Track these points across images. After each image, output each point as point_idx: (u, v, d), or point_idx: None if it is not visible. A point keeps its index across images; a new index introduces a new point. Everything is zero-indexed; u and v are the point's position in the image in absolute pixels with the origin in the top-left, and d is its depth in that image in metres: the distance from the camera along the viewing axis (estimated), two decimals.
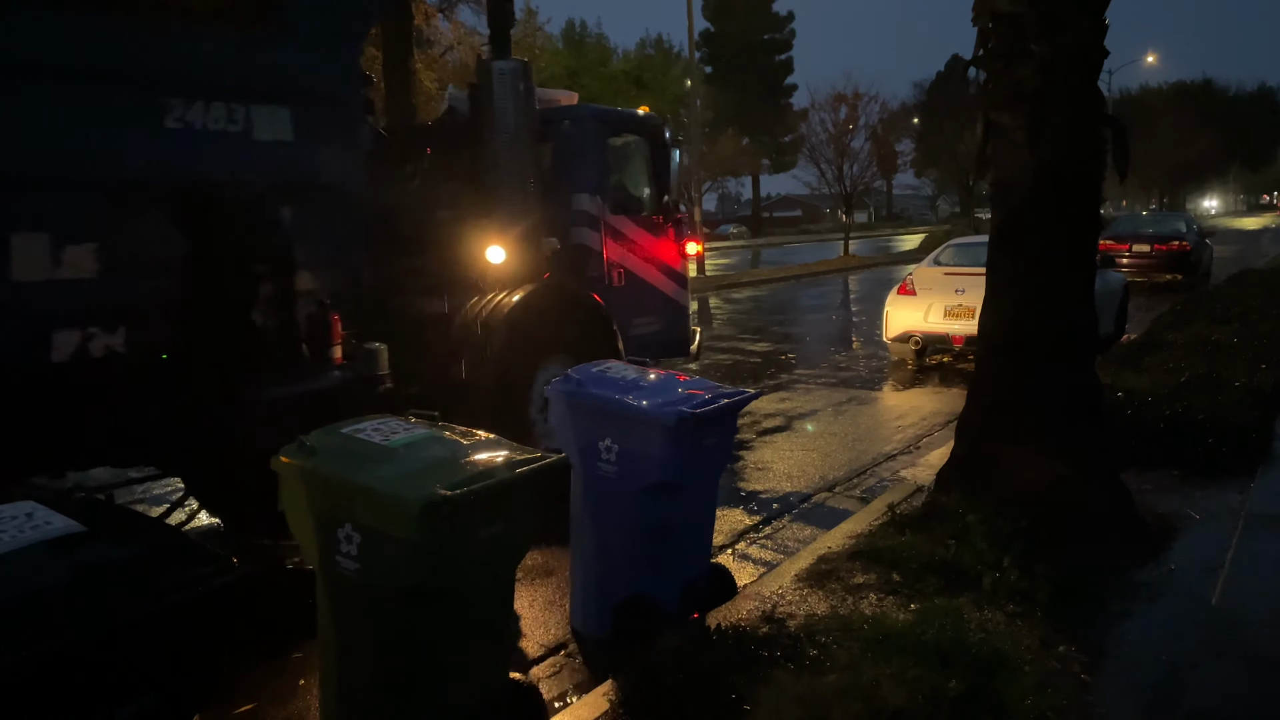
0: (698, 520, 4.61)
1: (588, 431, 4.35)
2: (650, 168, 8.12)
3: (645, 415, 4.15)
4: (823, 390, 10.46)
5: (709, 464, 4.49)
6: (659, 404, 4.18)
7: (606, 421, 4.30)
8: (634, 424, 4.20)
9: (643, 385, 4.38)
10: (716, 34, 61.24)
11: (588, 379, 4.45)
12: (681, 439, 4.12)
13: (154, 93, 4.88)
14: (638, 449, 4.21)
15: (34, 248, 4.45)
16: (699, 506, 4.58)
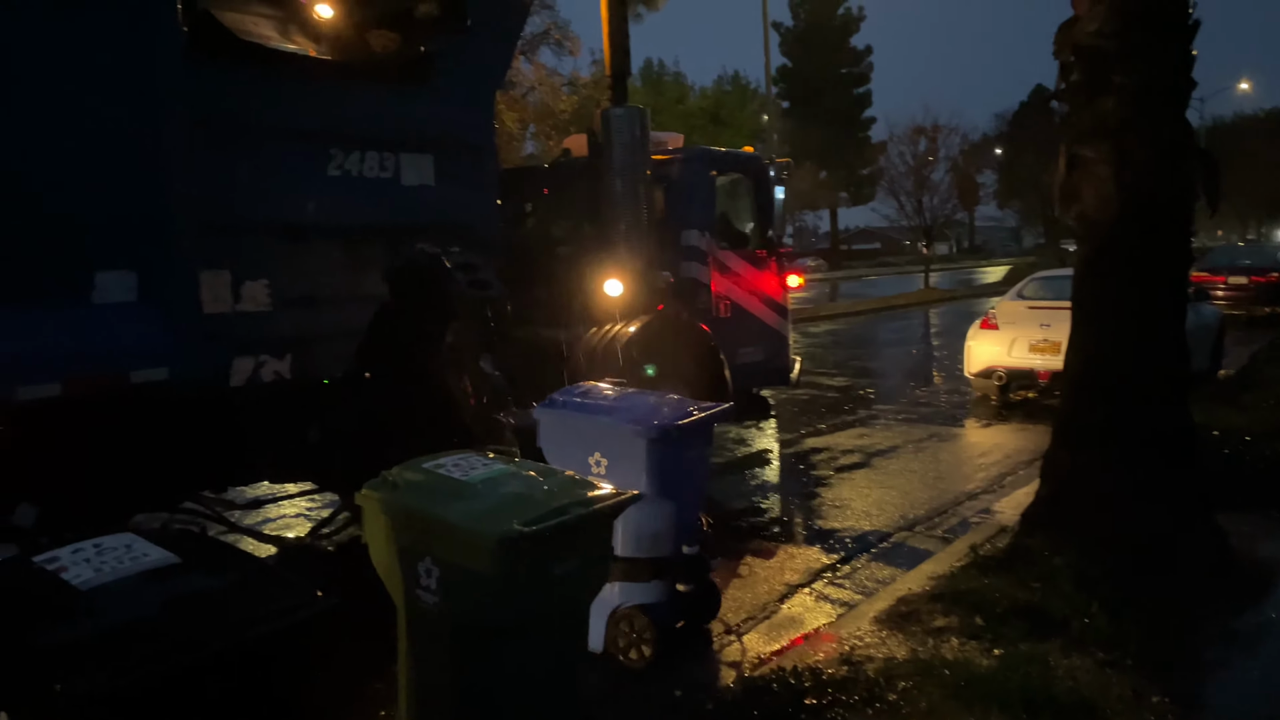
0: (688, 524, 4.64)
1: (576, 449, 4.48)
2: (754, 204, 8.56)
3: (628, 429, 4.35)
4: (902, 426, 10.29)
5: (692, 473, 4.61)
6: (641, 418, 4.40)
7: (594, 437, 4.47)
8: (620, 438, 4.38)
9: (624, 403, 4.63)
10: (794, 69, 61.25)
11: (571, 401, 4.69)
12: (663, 449, 4.31)
13: (321, 145, 5.45)
14: (625, 462, 4.36)
15: (218, 284, 4.96)
16: (686, 514, 4.62)
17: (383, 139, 5.82)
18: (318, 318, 5.45)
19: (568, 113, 23.59)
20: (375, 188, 5.77)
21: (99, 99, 4.38)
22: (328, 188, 5.54)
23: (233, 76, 5.15)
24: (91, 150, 4.36)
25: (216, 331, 4.96)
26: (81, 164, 4.33)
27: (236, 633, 2.38)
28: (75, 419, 4.31)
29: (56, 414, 4.19)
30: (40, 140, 4.19)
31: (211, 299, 4.98)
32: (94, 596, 2.30)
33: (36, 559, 2.44)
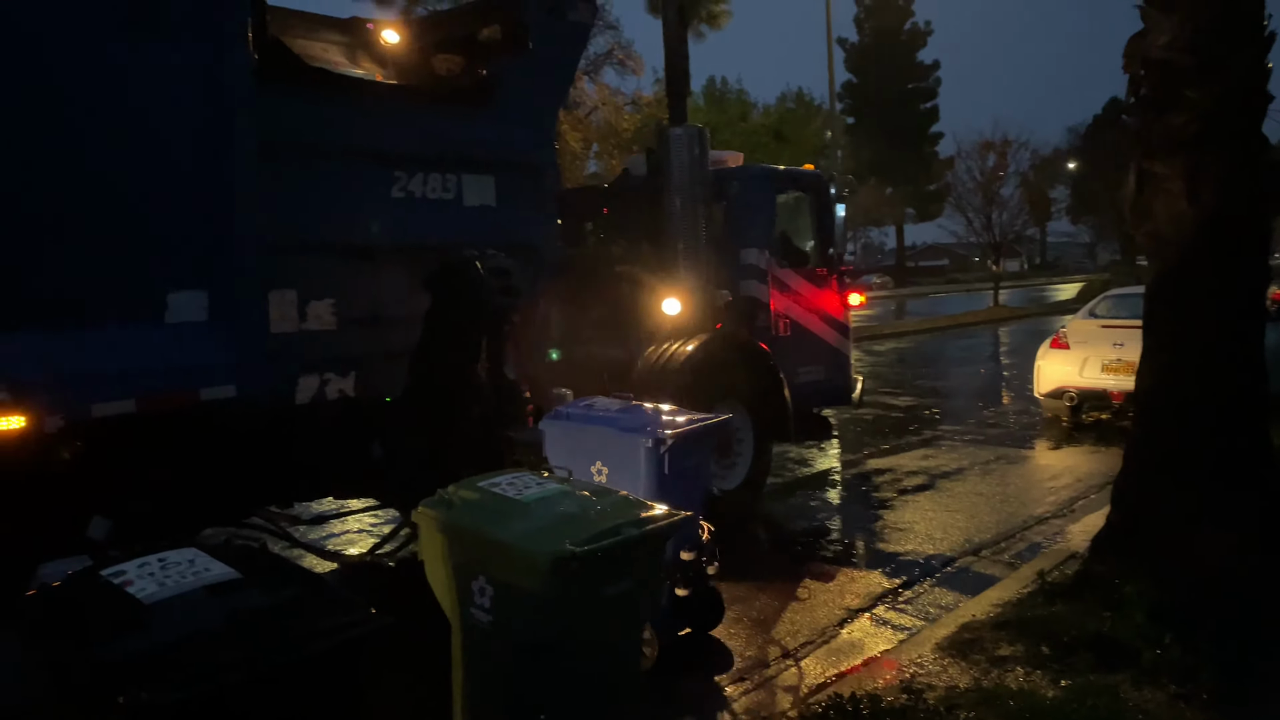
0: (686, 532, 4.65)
1: (580, 458, 4.65)
2: (815, 222, 8.52)
3: (629, 439, 4.56)
4: (969, 448, 10.09)
5: (690, 482, 4.69)
6: (640, 427, 4.60)
7: (597, 447, 4.68)
8: (619, 446, 4.58)
9: (625, 414, 4.85)
10: (859, 85, 60.86)
11: (575, 413, 4.96)
12: (660, 457, 4.47)
13: (385, 167, 5.58)
14: (624, 470, 4.51)
15: (285, 304, 5.12)
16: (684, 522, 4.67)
17: (445, 160, 5.93)
18: (381, 336, 5.56)
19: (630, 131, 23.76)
20: (438, 208, 5.88)
21: (173, 124, 4.53)
22: (392, 208, 5.66)
23: (301, 101, 5.28)
24: (165, 174, 4.51)
25: (283, 350, 5.08)
26: (156, 187, 4.48)
27: (293, 648, 2.43)
28: (147, 435, 4.44)
29: (129, 430, 4.32)
30: (118, 165, 4.34)
31: (279, 318, 5.11)
32: (157, 610, 2.37)
33: (103, 572, 2.52)
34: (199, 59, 4.57)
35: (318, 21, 7.14)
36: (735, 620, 5.29)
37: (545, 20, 6.65)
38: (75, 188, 4.20)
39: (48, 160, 4.11)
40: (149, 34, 4.38)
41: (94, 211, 4.26)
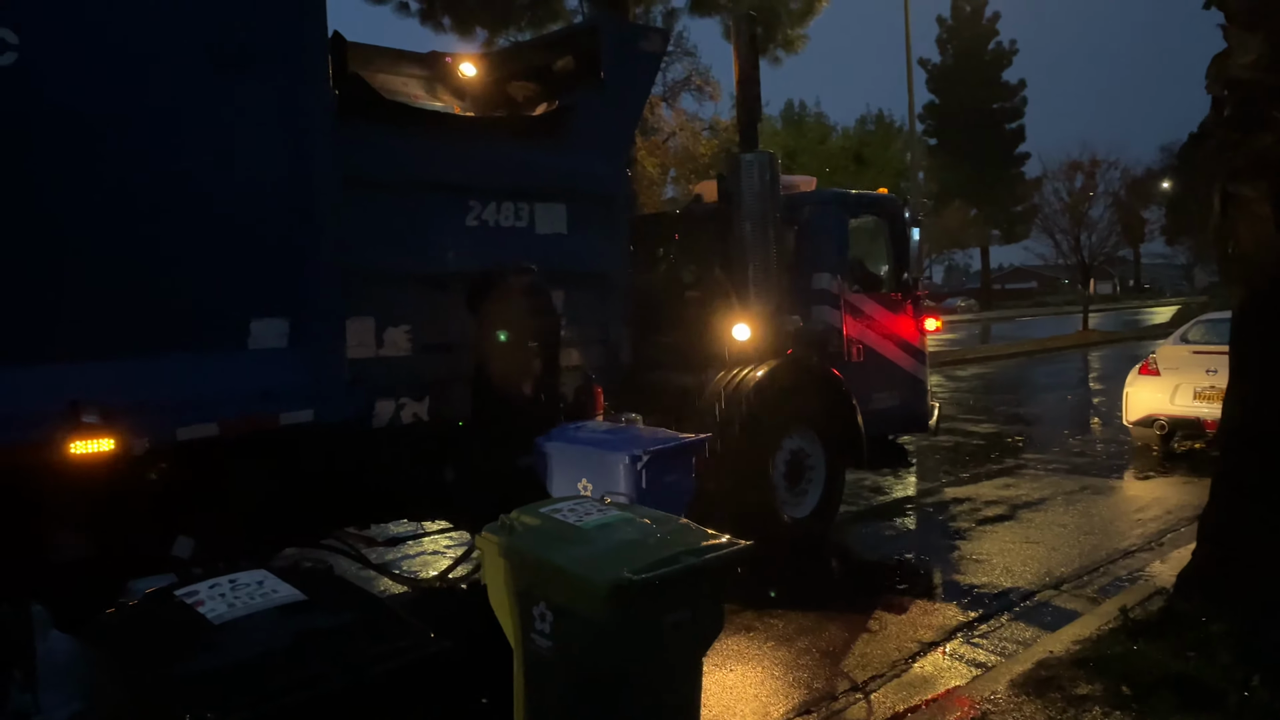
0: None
1: (569, 475, 5.07)
2: (889, 246, 8.45)
3: (610, 457, 4.89)
4: (1053, 477, 9.80)
5: (671, 497, 4.86)
6: (622, 447, 4.90)
7: (583, 466, 5.02)
8: (602, 465, 4.91)
9: (611, 435, 5.26)
10: (941, 106, 59.98)
11: (566, 433, 5.34)
12: (638, 473, 4.77)
13: (460, 196, 5.77)
14: (607, 486, 4.75)
15: (363, 330, 5.33)
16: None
17: (518, 189, 6.05)
18: (455, 361, 5.68)
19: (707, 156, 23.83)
20: (511, 236, 6.00)
21: (257, 158, 4.73)
22: (466, 237, 5.80)
23: (380, 134, 5.46)
24: (250, 205, 4.71)
25: (360, 375, 5.24)
26: (241, 218, 4.68)
27: (355, 670, 2.49)
28: (228, 458, 4.61)
29: (212, 453, 4.49)
30: (205, 197, 4.54)
31: (356, 344, 5.27)
32: (225, 631, 2.46)
33: (177, 592, 2.63)
34: (282, 95, 4.77)
35: (399, 56, 7.37)
36: (804, 651, 5.22)
37: (617, 51, 6.76)
38: (164, 218, 4.41)
39: (141, 192, 4.33)
40: (234, 71, 4.59)
41: (181, 241, 4.46)
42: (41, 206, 4.03)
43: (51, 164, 4.05)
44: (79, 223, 4.12)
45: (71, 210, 4.11)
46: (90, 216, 4.15)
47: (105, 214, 4.20)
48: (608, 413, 6.35)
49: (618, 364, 6.76)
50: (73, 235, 4.11)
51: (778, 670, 5.01)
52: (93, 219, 4.16)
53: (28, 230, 3.99)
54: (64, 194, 4.09)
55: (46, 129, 4.02)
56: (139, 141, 4.30)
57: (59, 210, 4.08)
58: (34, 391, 3.89)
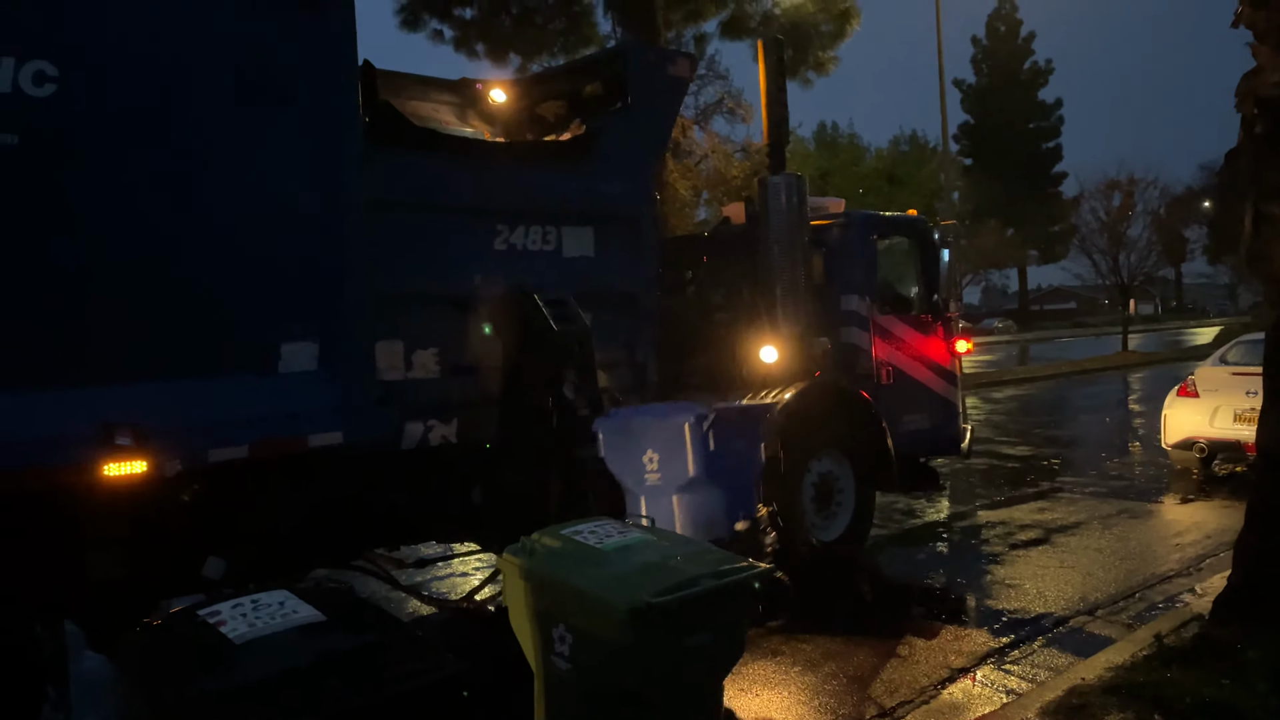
0: (742, 506, 5.01)
1: (632, 449, 5.05)
2: (919, 268, 8.39)
3: (674, 421, 4.94)
4: (1089, 500, 9.64)
5: (740, 463, 4.94)
6: (685, 411, 4.97)
7: (646, 438, 5.01)
8: (666, 431, 4.93)
9: (672, 406, 5.32)
10: (976, 126, 59.73)
11: (625, 411, 5.40)
12: (704, 434, 4.80)
13: (489, 220, 5.82)
14: (673, 453, 4.86)
15: (392, 353, 5.36)
16: (738, 501, 4.99)
17: (546, 213, 6.10)
18: (483, 383, 5.72)
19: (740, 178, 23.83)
20: (538, 259, 6.05)
21: (289, 184, 4.83)
22: (494, 260, 5.84)
23: (409, 160, 5.55)
24: (281, 231, 4.80)
25: (389, 397, 5.30)
26: (272, 243, 4.77)
27: (372, 690, 2.52)
28: (258, 479, 4.68)
29: (242, 474, 4.57)
30: (237, 222, 4.64)
31: (386, 366, 5.34)
32: (246, 650, 2.50)
33: (200, 612, 2.67)
34: (312, 122, 4.87)
35: (430, 83, 7.49)
36: (831, 675, 5.18)
37: (645, 76, 6.83)
38: (197, 244, 4.51)
39: (174, 218, 4.43)
40: (265, 100, 4.70)
41: (214, 266, 4.56)
42: (78, 233, 4.15)
43: (88, 191, 4.17)
44: (114, 248, 4.23)
45: (107, 236, 4.22)
46: (125, 242, 4.26)
47: (139, 240, 4.31)
48: None
49: (646, 386, 6.78)
50: (108, 261, 4.22)
51: (804, 695, 4.96)
52: (127, 245, 4.27)
53: (65, 256, 4.11)
54: (100, 220, 4.20)
55: (84, 157, 4.14)
56: (173, 169, 4.42)
57: (95, 236, 4.19)
58: (69, 414, 3.99)
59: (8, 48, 3.89)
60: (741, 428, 5.06)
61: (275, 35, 4.74)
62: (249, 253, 4.69)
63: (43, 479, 3.94)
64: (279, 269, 4.80)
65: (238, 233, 4.64)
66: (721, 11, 16.44)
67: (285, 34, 4.78)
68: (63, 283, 4.09)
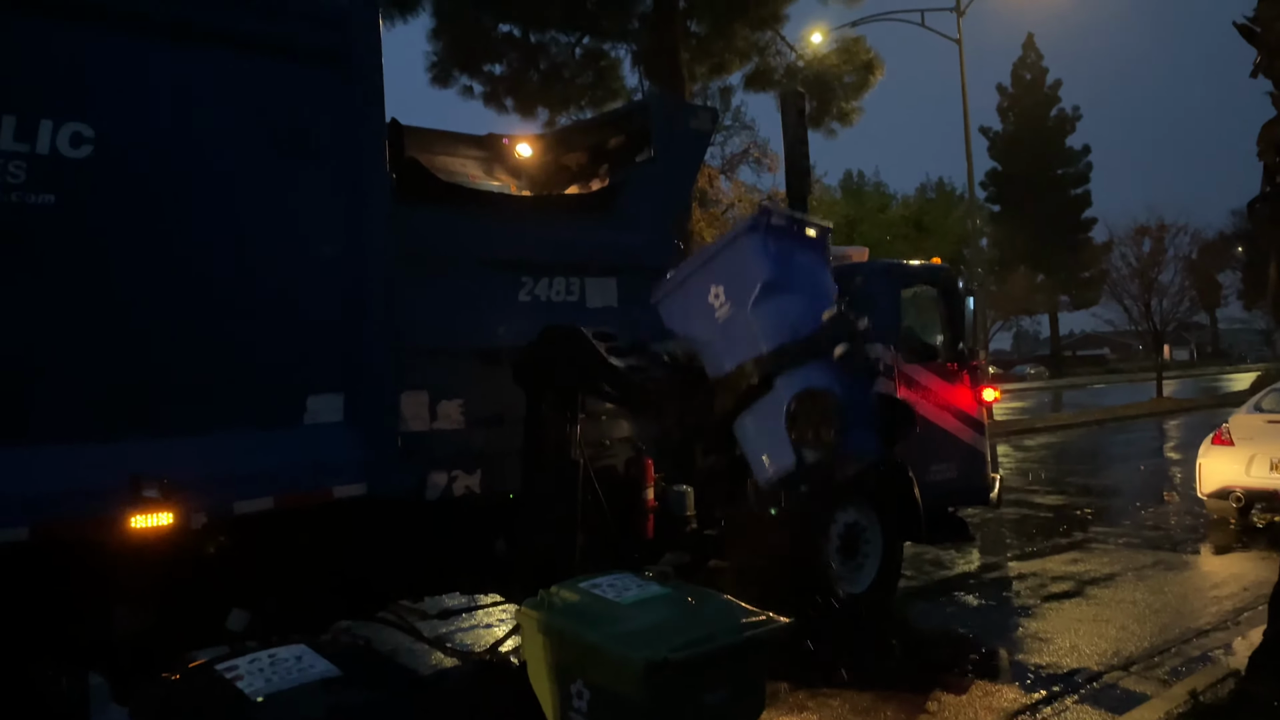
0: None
1: (696, 291, 4.79)
2: (944, 316, 8.32)
3: (731, 241, 4.74)
4: (1124, 551, 9.46)
5: (811, 289, 4.66)
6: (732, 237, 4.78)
7: (710, 276, 4.73)
8: (729, 253, 4.70)
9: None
10: (1004, 173, 59.72)
11: (677, 273, 5.05)
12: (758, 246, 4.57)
13: (513, 273, 5.87)
14: (737, 278, 4.61)
15: (417, 404, 5.40)
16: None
17: (570, 265, 6.17)
18: (506, 434, 5.74)
19: None
20: (562, 311, 6.10)
21: (317, 238, 4.92)
22: (519, 312, 5.90)
23: (435, 214, 5.64)
24: (309, 284, 4.89)
25: (414, 449, 5.32)
26: (300, 296, 4.85)
27: None
28: (283, 531, 4.71)
29: (267, 526, 4.60)
30: (267, 275, 4.73)
31: (411, 418, 5.38)
32: (262, 706, 2.50)
33: (218, 666, 2.69)
34: (341, 179, 4.97)
35: (458, 139, 7.63)
36: None
37: (668, 129, 6.92)
38: (228, 298, 4.59)
39: (206, 273, 4.52)
40: (296, 157, 4.81)
41: (243, 319, 4.64)
42: (110, 288, 4.24)
43: (121, 247, 4.27)
44: (146, 303, 4.32)
45: (138, 291, 4.31)
46: (156, 297, 4.35)
47: (171, 294, 4.40)
48: (658, 484, 6.35)
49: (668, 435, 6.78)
50: (140, 315, 4.31)
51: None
52: (158, 299, 4.36)
53: (97, 311, 4.19)
54: (132, 277, 4.29)
55: (116, 217, 4.24)
56: (204, 225, 4.52)
57: (126, 291, 4.28)
58: (98, 467, 4.05)
59: (46, 110, 4.01)
60: (808, 243, 4.82)
61: (306, 96, 4.86)
62: (277, 307, 4.77)
63: (71, 531, 3.99)
64: (307, 322, 4.88)
65: (267, 288, 4.72)
66: (745, 65, 16.67)
67: (315, 94, 4.89)
68: (95, 338, 4.17)
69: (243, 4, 4.87)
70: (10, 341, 3.97)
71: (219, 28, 4.58)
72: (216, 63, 4.58)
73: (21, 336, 4.01)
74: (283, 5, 5.09)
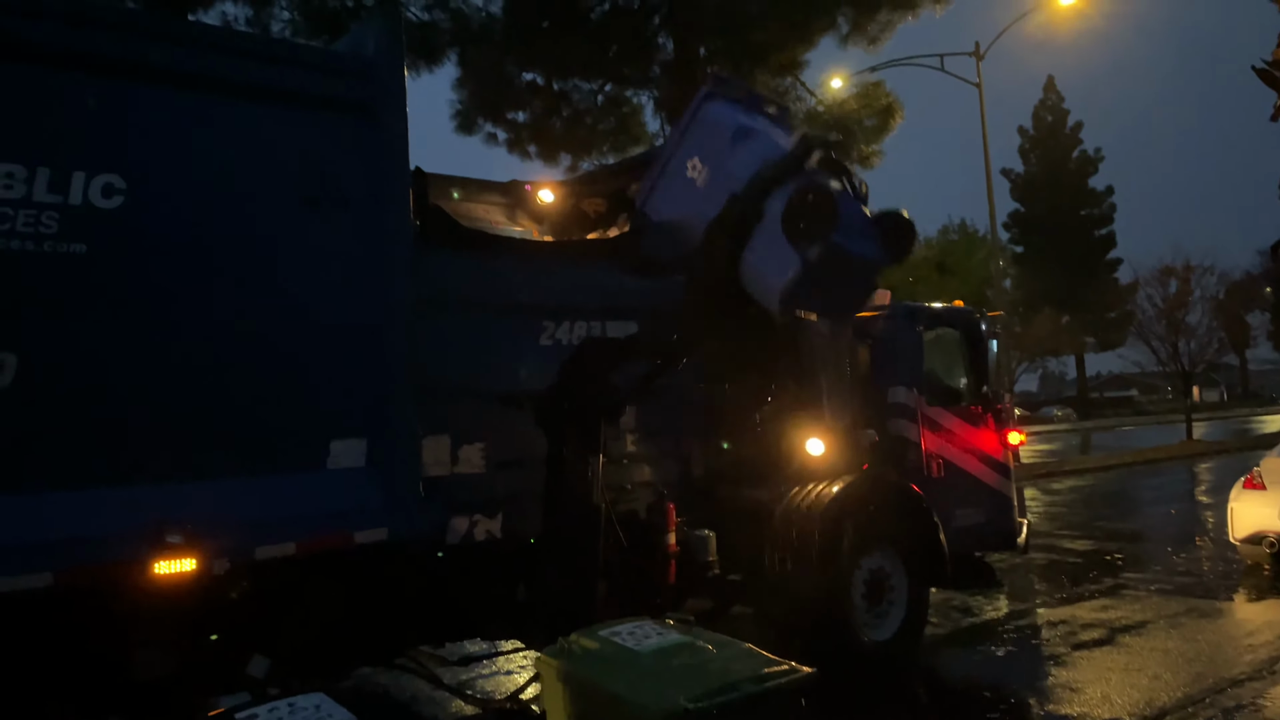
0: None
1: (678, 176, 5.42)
2: (967, 359, 8.33)
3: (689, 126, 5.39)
4: (1155, 598, 9.27)
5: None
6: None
7: (681, 157, 5.39)
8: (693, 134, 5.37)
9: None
10: (1027, 214, 59.62)
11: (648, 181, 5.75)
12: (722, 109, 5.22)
13: (535, 318, 5.95)
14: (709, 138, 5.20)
15: (439, 448, 5.44)
16: None
17: (591, 309, 6.20)
18: (527, 478, 5.74)
19: None
20: None
21: (342, 285, 4.97)
22: (540, 356, 5.94)
23: (458, 261, 5.70)
24: (334, 329, 4.93)
25: (435, 493, 5.33)
26: (325, 342, 4.90)
27: None
28: (303, 576, 4.71)
29: (288, 571, 4.60)
30: (292, 321, 4.78)
31: (432, 462, 5.39)
32: None
33: (237, 716, 2.68)
34: (366, 227, 5.04)
35: (481, 185, 7.74)
36: None
37: None
38: (253, 345, 4.64)
39: (232, 321, 4.58)
40: (321, 208, 4.88)
41: (269, 366, 4.69)
42: (139, 337, 4.30)
43: (148, 294, 4.33)
44: (171, 350, 4.38)
45: (167, 339, 4.37)
46: (182, 344, 4.41)
47: (198, 342, 4.46)
48: (680, 528, 6.32)
49: (690, 479, 6.76)
50: (166, 361, 4.36)
51: None
52: (186, 347, 4.42)
53: (126, 360, 4.25)
54: (160, 325, 4.36)
55: (145, 264, 4.32)
56: (231, 273, 4.59)
57: (155, 339, 4.34)
58: (123, 512, 4.08)
59: (79, 162, 4.11)
60: (754, 100, 5.30)
61: (332, 145, 4.95)
62: (303, 353, 4.81)
63: (94, 577, 4.01)
64: (331, 367, 4.91)
65: (292, 334, 4.77)
66: None
67: (342, 144, 4.98)
68: (122, 384, 4.23)
69: (272, 58, 5.01)
70: (39, 388, 4.02)
71: (248, 81, 4.69)
72: (245, 114, 4.68)
73: (50, 383, 4.06)
74: (310, 58, 5.22)
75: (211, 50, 4.72)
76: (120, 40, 4.34)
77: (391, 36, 5.17)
